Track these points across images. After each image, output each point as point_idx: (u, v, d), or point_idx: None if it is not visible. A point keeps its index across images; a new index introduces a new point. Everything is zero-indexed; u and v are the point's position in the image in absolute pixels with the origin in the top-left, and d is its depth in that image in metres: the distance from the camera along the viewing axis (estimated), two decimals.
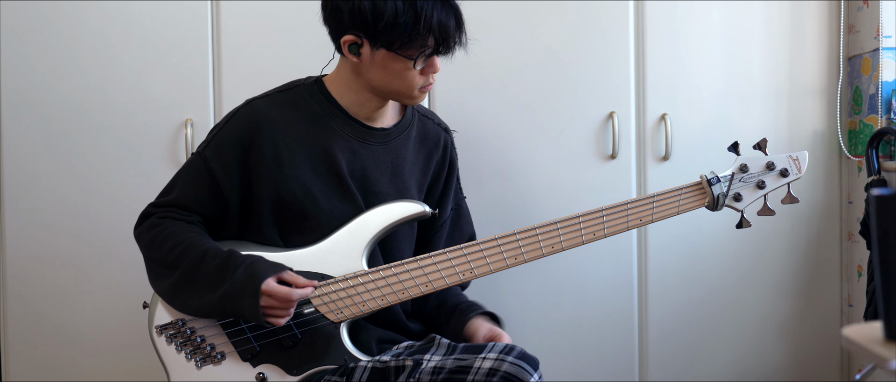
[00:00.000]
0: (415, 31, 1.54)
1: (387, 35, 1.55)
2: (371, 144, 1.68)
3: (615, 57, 2.22)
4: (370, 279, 1.62)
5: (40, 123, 2.13)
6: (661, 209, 1.65)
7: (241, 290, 1.52)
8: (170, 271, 1.60)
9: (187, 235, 1.62)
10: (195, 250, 1.59)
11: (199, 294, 1.58)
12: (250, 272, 1.54)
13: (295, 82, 1.72)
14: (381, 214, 1.64)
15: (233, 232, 1.68)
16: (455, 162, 1.84)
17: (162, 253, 1.61)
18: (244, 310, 1.53)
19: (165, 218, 1.65)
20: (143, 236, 1.67)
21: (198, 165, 1.66)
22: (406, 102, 1.68)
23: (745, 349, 2.30)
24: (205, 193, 1.65)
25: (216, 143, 1.65)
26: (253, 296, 1.52)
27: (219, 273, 1.56)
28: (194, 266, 1.57)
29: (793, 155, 1.66)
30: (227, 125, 1.66)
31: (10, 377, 2.15)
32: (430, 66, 1.62)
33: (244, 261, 1.56)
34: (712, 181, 1.64)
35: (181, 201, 1.66)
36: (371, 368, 1.58)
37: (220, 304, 1.55)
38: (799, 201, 1.69)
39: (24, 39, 2.12)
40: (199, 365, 1.61)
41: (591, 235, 1.64)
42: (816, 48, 2.28)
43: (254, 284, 1.52)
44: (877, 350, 0.99)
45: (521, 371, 1.51)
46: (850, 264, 2.31)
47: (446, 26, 1.57)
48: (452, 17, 1.58)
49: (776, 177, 1.66)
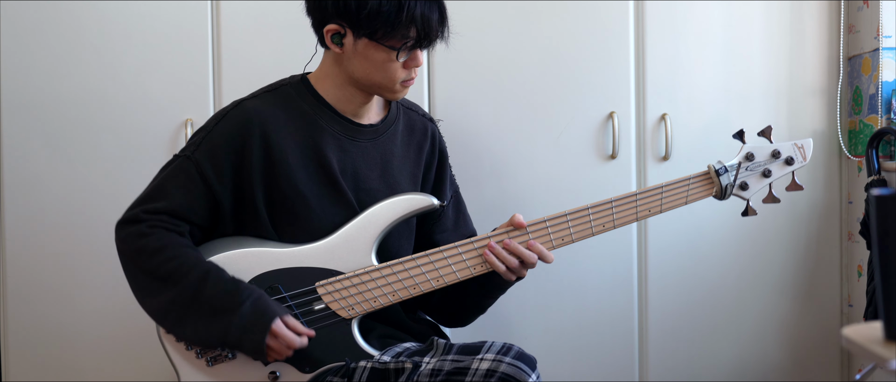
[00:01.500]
0: (397, 20, 1.55)
1: (370, 23, 1.55)
2: (360, 140, 1.68)
3: (615, 57, 2.22)
4: (381, 274, 1.62)
5: (40, 123, 2.13)
6: (670, 200, 1.66)
7: (250, 325, 1.51)
8: (162, 286, 1.56)
9: (182, 250, 1.58)
10: (195, 269, 1.55)
11: (195, 320, 1.54)
12: (260, 306, 1.53)
13: (281, 82, 1.71)
14: (388, 208, 1.64)
15: (229, 231, 1.67)
16: (445, 150, 1.84)
17: (153, 265, 1.57)
18: (245, 344, 1.53)
19: (156, 227, 1.59)
20: (129, 243, 1.60)
21: (188, 169, 1.62)
22: (388, 96, 1.67)
23: (745, 348, 2.30)
24: (198, 199, 1.61)
25: (208, 146, 1.62)
26: (261, 333, 1.51)
27: (223, 301, 1.53)
28: (195, 288, 1.54)
29: (798, 143, 1.68)
30: (217, 127, 1.63)
31: (10, 377, 2.15)
32: (412, 59, 1.62)
33: (250, 294, 1.54)
34: (720, 171, 1.66)
35: (173, 209, 1.60)
36: (371, 368, 1.58)
37: (221, 334, 1.53)
38: (804, 189, 1.71)
39: (24, 39, 2.12)
40: (210, 364, 1.60)
41: (601, 226, 1.65)
42: (816, 48, 2.28)
43: (264, 322, 1.51)
44: (877, 350, 0.99)
45: (519, 371, 1.51)
46: (850, 264, 2.31)
47: (429, 18, 1.57)
48: (436, 9, 1.59)
49: (782, 165, 1.68)
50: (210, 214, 1.64)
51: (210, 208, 1.63)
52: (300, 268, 1.62)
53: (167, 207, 1.61)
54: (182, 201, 1.61)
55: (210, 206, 1.63)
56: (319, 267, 1.61)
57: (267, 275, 1.61)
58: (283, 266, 1.61)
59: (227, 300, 1.53)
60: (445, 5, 1.62)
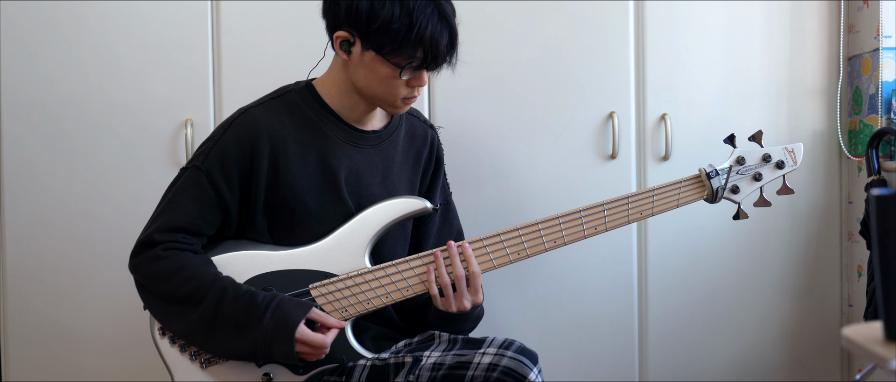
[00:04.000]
0: (406, 40, 1.53)
1: (378, 37, 1.53)
2: (364, 147, 1.68)
3: (615, 57, 2.22)
4: (374, 276, 1.62)
5: (40, 123, 2.13)
6: (661, 202, 1.67)
7: (274, 337, 1.51)
8: (183, 309, 1.55)
9: (199, 269, 1.56)
10: (213, 287, 1.54)
11: (223, 339, 1.54)
12: (279, 316, 1.52)
13: (285, 88, 1.70)
14: (382, 211, 1.64)
15: (230, 234, 1.66)
16: (441, 158, 1.84)
17: (171, 288, 1.55)
18: (278, 357, 1.53)
19: (171, 249, 1.57)
20: (143, 268, 1.59)
21: (199, 180, 1.60)
22: (388, 109, 1.66)
23: (745, 348, 2.30)
24: (210, 210, 1.60)
25: (217, 154, 1.60)
26: (287, 343, 1.51)
27: (244, 316, 1.52)
28: (215, 307, 1.53)
29: (788, 147, 1.69)
30: (225, 135, 1.62)
31: (10, 377, 2.15)
32: (417, 78, 1.60)
33: (269, 303, 1.53)
34: (711, 175, 1.67)
35: (187, 224, 1.59)
36: (370, 366, 1.58)
37: (252, 351, 1.53)
38: (794, 192, 1.72)
39: (24, 39, 2.12)
40: (204, 366, 1.60)
41: (593, 229, 1.65)
42: (816, 48, 2.28)
43: (286, 331, 1.51)
44: (877, 350, 0.99)
45: (521, 365, 1.51)
46: (850, 264, 2.31)
47: (437, 42, 1.55)
48: (447, 34, 1.56)
49: (772, 169, 1.69)
50: (223, 222, 1.64)
51: (222, 216, 1.63)
52: (294, 270, 1.61)
53: (181, 224, 1.59)
54: (195, 214, 1.60)
55: (222, 214, 1.62)
56: (313, 270, 1.61)
57: (260, 277, 1.61)
58: (276, 268, 1.61)
59: (247, 316, 1.52)
60: (458, 32, 1.60)
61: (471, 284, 1.62)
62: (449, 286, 1.61)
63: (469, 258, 1.62)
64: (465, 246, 1.62)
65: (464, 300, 1.62)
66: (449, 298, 1.62)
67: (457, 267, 1.61)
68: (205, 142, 1.65)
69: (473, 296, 1.63)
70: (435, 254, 1.62)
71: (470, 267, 1.61)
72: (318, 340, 1.52)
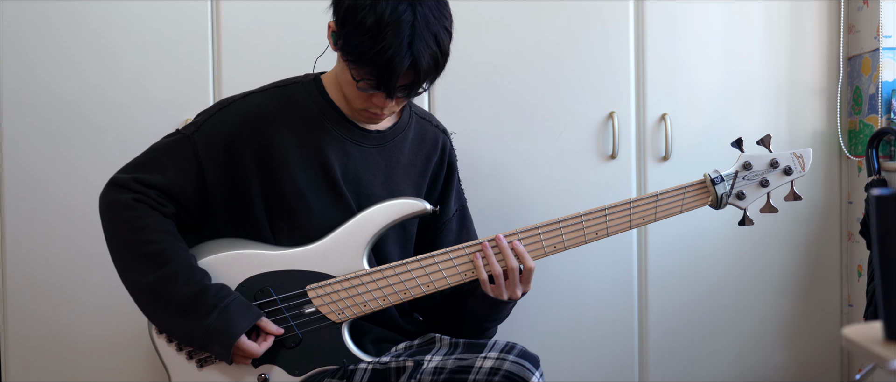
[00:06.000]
0: (364, 54, 1.46)
1: (345, 40, 1.50)
2: (365, 146, 1.67)
3: (615, 57, 2.22)
4: (371, 278, 1.61)
5: (40, 123, 2.13)
6: (665, 208, 1.63)
7: (214, 338, 1.52)
8: (140, 266, 1.55)
9: (164, 236, 1.56)
10: (171, 262, 1.54)
11: (163, 313, 1.55)
12: (224, 320, 1.52)
13: (293, 79, 1.70)
14: (381, 211, 1.63)
15: (221, 227, 1.65)
16: (454, 164, 1.82)
17: (135, 240, 1.56)
18: (213, 352, 1.54)
19: (141, 202, 1.58)
20: (113, 210, 1.59)
21: (185, 148, 1.60)
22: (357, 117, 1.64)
23: (745, 349, 2.30)
24: (190, 180, 1.60)
25: (207, 130, 1.61)
26: (225, 348, 1.52)
27: (190, 305, 1.53)
28: (168, 282, 1.53)
29: (797, 153, 1.63)
30: (219, 113, 1.62)
31: (10, 377, 2.15)
32: (376, 96, 1.54)
33: (218, 304, 1.53)
34: (716, 180, 1.62)
35: (164, 185, 1.59)
36: (372, 370, 1.58)
37: (188, 340, 1.55)
38: (802, 199, 1.67)
39: (24, 39, 2.12)
40: (201, 366, 1.60)
41: (594, 234, 1.63)
42: (816, 48, 2.28)
43: (227, 338, 1.51)
44: (877, 350, 0.99)
45: (523, 369, 1.51)
46: (850, 264, 2.31)
47: (393, 70, 1.46)
48: (409, 63, 1.46)
49: (780, 175, 1.63)
50: (199, 199, 1.62)
51: (200, 192, 1.61)
52: (291, 271, 1.61)
53: (159, 182, 1.59)
54: (174, 178, 1.60)
55: (200, 190, 1.61)
56: (311, 271, 1.61)
57: (258, 278, 1.60)
58: (274, 269, 1.61)
59: (193, 307, 1.53)
60: (432, 67, 1.50)
61: (524, 276, 1.63)
62: (501, 274, 1.61)
63: (522, 254, 1.61)
64: (516, 243, 1.61)
65: (516, 289, 1.63)
66: (500, 286, 1.62)
67: (509, 259, 1.60)
68: (200, 113, 1.65)
69: (524, 285, 1.64)
70: (483, 245, 1.61)
71: (525, 263, 1.61)
72: (251, 350, 1.54)
